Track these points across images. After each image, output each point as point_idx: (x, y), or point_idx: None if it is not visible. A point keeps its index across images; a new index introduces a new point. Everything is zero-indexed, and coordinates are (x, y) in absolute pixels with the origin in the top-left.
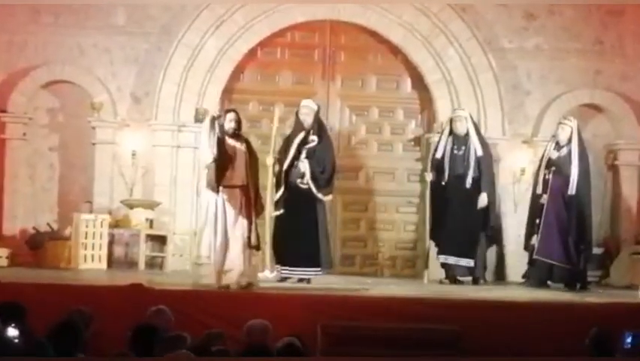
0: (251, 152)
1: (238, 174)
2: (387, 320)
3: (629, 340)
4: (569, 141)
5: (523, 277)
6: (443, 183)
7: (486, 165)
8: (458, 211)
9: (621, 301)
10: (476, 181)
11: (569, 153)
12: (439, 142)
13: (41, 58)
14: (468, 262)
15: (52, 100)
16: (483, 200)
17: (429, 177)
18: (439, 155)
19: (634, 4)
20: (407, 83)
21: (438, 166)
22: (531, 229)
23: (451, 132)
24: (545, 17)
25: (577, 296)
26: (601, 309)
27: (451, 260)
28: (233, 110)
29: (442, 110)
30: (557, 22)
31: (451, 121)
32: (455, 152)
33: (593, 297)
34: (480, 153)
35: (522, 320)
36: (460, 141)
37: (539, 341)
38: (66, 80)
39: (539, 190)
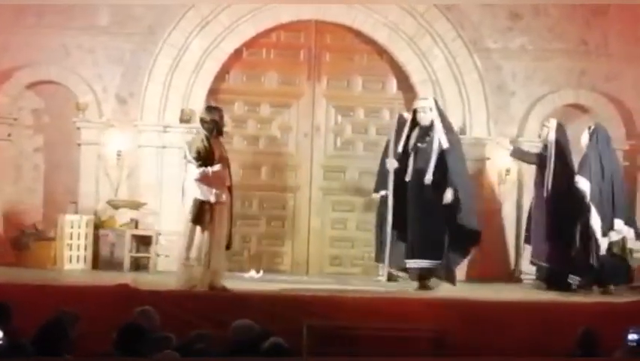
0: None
1: (227, 174)
2: (372, 319)
3: (632, 337)
4: (548, 142)
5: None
6: (407, 180)
7: (454, 158)
8: (418, 209)
9: (607, 300)
10: (439, 176)
11: (549, 154)
12: (401, 135)
13: (26, 58)
14: (431, 263)
15: (37, 101)
16: (447, 196)
17: (392, 165)
18: (400, 148)
19: (618, 4)
20: (393, 84)
21: (401, 161)
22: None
23: (416, 124)
24: (530, 17)
25: (562, 296)
26: (586, 308)
27: (413, 263)
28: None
29: None
30: (542, 22)
31: (414, 112)
32: (419, 145)
33: (578, 296)
34: (445, 145)
35: (506, 319)
36: (423, 132)
37: (523, 340)
38: (51, 81)
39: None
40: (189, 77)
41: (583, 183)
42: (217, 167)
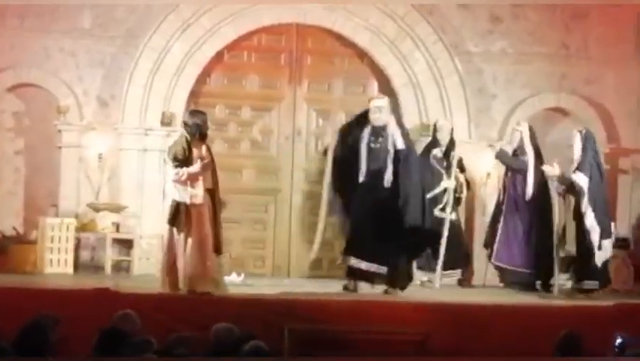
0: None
1: (206, 176)
2: (354, 322)
3: (618, 341)
4: (523, 146)
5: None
6: (361, 180)
7: (408, 160)
8: (373, 211)
9: (590, 304)
10: (395, 179)
11: (525, 159)
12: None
13: (7, 61)
14: (379, 268)
15: (17, 103)
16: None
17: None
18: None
19: (598, 4)
20: (374, 87)
21: (348, 160)
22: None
23: (369, 123)
24: (511, 21)
25: (544, 299)
26: (570, 311)
27: (363, 265)
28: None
29: (408, 114)
30: (523, 26)
31: (368, 112)
32: (372, 145)
33: (561, 300)
34: (400, 145)
35: (490, 322)
36: (377, 132)
37: (507, 343)
38: (32, 84)
39: (501, 197)
40: (170, 80)
41: (582, 180)
42: (192, 168)
